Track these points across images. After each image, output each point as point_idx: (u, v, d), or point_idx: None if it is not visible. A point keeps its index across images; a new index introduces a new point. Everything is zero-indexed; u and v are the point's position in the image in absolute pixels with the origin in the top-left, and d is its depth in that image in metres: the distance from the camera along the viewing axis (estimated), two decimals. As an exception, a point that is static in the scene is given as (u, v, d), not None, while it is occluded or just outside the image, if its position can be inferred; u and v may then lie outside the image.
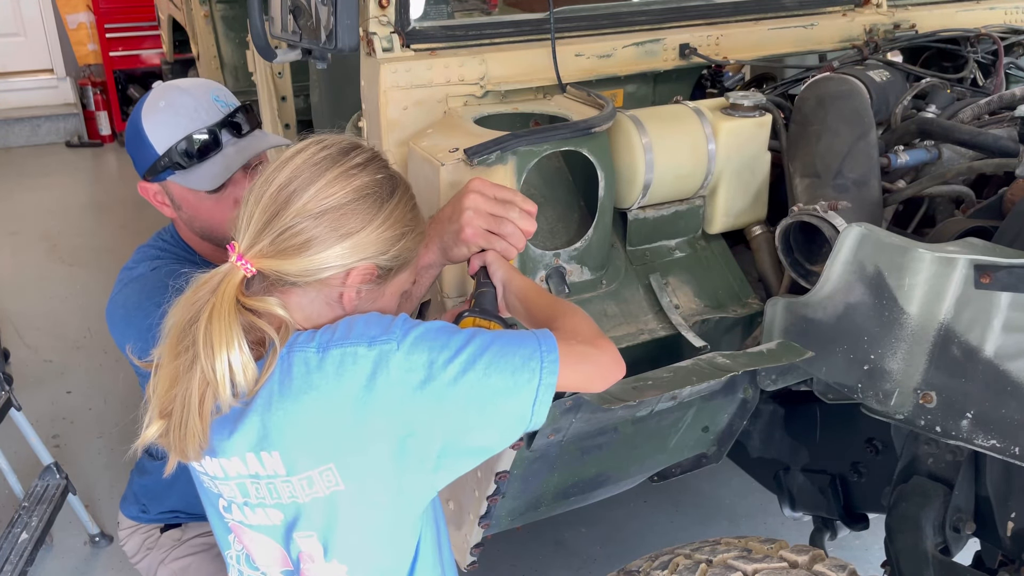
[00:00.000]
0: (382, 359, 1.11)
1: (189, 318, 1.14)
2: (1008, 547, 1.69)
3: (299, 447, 1.16)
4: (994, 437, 1.46)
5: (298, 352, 1.15)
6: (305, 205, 1.15)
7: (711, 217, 1.91)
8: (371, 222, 1.18)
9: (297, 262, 1.15)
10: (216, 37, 3.89)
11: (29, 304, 4.38)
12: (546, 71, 1.87)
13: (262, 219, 1.15)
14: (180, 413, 1.13)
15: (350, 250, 1.17)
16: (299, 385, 1.13)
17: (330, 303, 1.22)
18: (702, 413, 1.84)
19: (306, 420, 1.14)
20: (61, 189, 5.98)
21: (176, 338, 1.15)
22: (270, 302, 1.16)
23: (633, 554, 1.68)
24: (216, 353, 1.10)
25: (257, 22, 1.77)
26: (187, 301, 1.16)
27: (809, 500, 2.13)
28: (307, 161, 1.18)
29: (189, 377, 1.12)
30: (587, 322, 1.28)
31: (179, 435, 1.14)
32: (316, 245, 1.15)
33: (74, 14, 6.89)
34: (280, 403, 1.14)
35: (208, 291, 1.14)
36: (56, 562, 2.80)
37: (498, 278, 1.40)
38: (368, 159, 1.22)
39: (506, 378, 1.13)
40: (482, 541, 1.79)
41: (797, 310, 1.66)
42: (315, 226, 1.15)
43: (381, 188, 1.20)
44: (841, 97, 1.89)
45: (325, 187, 1.16)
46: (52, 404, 3.58)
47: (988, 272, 1.42)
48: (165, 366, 1.16)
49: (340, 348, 1.13)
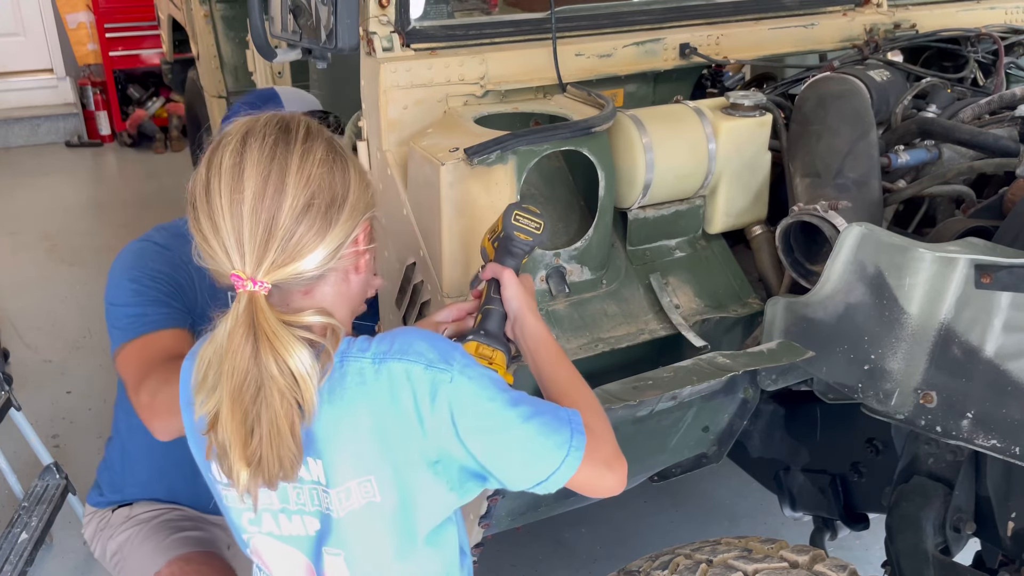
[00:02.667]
0: (436, 386, 1.11)
1: (244, 366, 1.08)
2: (1008, 547, 1.69)
3: (342, 456, 1.15)
4: (994, 437, 1.46)
5: (353, 361, 1.13)
6: (294, 202, 1.10)
7: (711, 217, 1.91)
8: (351, 180, 1.16)
9: (316, 255, 1.11)
10: (216, 37, 3.88)
11: (29, 304, 4.37)
12: (546, 71, 1.87)
13: (257, 235, 1.09)
14: (271, 451, 1.09)
15: (350, 216, 1.15)
16: (352, 395, 1.12)
17: (348, 279, 1.20)
18: (702, 413, 1.84)
19: (353, 430, 1.13)
20: (61, 189, 5.98)
21: (236, 390, 1.08)
22: (306, 315, 1.12)
23: (633, 554, 1.68)
24: (293, 367, 1.07)
25: (257, 22, 1.77)
26: (231, 352, 1.08)
27: (809, 500, 2.13)
28: (262, 157, 1.11)
29: (268, 417, 1.08)
30: (609, 429, 1.26)
31: (274, 470, 1.10)
32: (325, 229, 1.12)
33: (74, 14, 6.88)
34: (329, 410, 1.12)
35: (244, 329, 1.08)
36: (56, 562, 2.80)
37: (511, 306, 1.35)
38: (307, 124, 1.17)
39: (534, 457, 1.15)
40: (482, 541, 1.79)
41: (797, 310, 1.65)
42: (316, 214, 1.11)
43: (334, 145, 1.18)
44: (841, 97, 1.89)
45: (299, 174, 1.11)
46: (52, 404, 3.58)
47: (988, 272, 1.42)
48: (231, 419, 1.09)
49: (400, 363, 1.12)
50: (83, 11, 6.85)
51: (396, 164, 1.78)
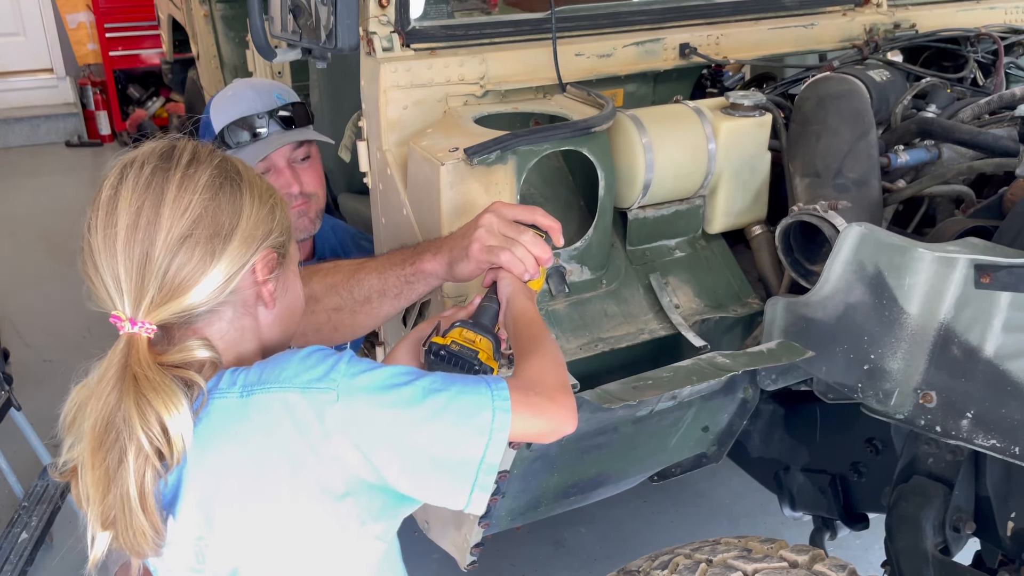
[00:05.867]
0: (320, 409, 1.00)
1: (106, 413, 1.00)
2: (1008, 547, 1.68)
3: (219, 505, 1.05)
4: (994, 437, 1.46)
5: (219, 398, 1.03)
6: (170, 232, 1.01)
7: (711, 217, 1.91)
8: (242, 208, 1.07)
9: (200, 289, 1.02)
10: (216, 36, 3.88)
11: (29, 304, 4.37)
12: (546, 70, 1.87)
13: (132, 271, 1.01)
14: (124, 516, 1.00)
15: (241, 246, 1.05)
16: (219, 436, 1.02)
17: (250, 313, 1.11)
18: (702, 413, 1.84)
19: (228, 476, 1.03)
20: (61, 189, 5.98)
21: (97, 440, 1.00)
22: (190, 347, 1.03)
23: (633, 554, 1.68)
24: (162, 414, 0.98)
25: (257, 21, 1.77)
26: (97, 396, 1.01)
27: (809, 500, 2.13)
28: (136, 187, 1.03)
29: (121, 474, 0.99)
30: (556, 370, 1.18)
31: (129, 538, 1.02)
32: (209, 261, 1.03)
33: (74, 14, 6.88)
34: (197, 455, 1.02)
35: (116, 373, 1.00)
36: (56, 562, 2.80)
37: (503, 294, 1.31)
38: (192, 150, 1.08)
39: (457, 433, 1.04)
40: (482, 541, 1.79)
41: (797, 310, 1.65)
42: (195, 245, 1.02)
43: (226, 170, 1.08)
44: (841, 97, 1.89)
45: (176, 203, 1.02)
46: (52, 404, 3.57)
47: (988, 272, 1.42)
48: (91, 471, 1.01)
49: (269, 393, 1.01)
50: (83, 11, 6.85)
51: (396, 164, 1.78)
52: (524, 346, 1.22)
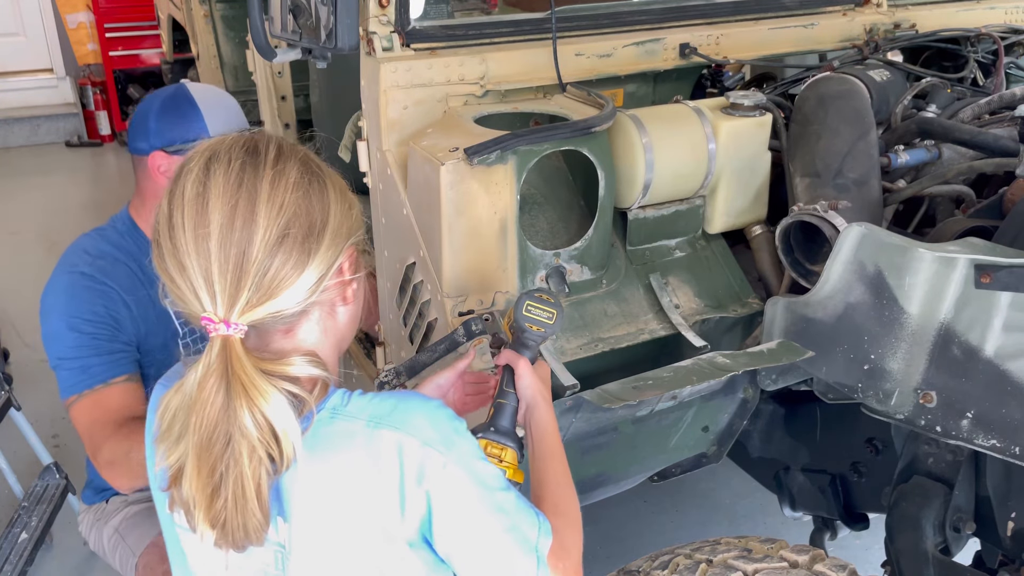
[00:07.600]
0: (424, 467, 1.02)
1: (213, 418, 0.98)
2: (1008, 547, 1.68)
3: (313, 520, 1.06)
4: (994, 437, 1.46)
5: (344, 420, 1.04)
6: (267, 232, 0.99)
7: (711, 217, 1.91)
8: (330, 203, 1.05)
9: (295, 290, 1.01)
10: (216, 37, 3.89)
11: (29, 304, 4.35)
12: (546, 70, 1.87)
13: (228, 272, 0.98)
14: (235, 514, 1.00)
15: (331, 245, 1.04)
16: (337, 457, 1.03)
17: (334, 313, 1.10)
18: (702, 413, 1.84)
19: (331, 494, 1.04)
20: (61, 189, 5.98)
21: (203, 445, 0.98)
22: (291, 365, 1.01)
23: (633, 554, 1.68)
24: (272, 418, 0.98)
25: (257, 21, 1.77)
26: (198, 402, 0.99)
27: (809, 500, 2.13)
28: (227, 184, 1.00)
29: (234, 476, 0.98)
30: (577, 542, 1.19)
31: (239, 535, 1.01)
32: (305, 261, 1.01)
33: (74, 14, 6.88)
34: (308, 469, 1.03)
35: (217, 377, 0.98)
36: (56, 562, 2.80)
37: (524, 395, 1.29)
38: (278, 143, 1.06)
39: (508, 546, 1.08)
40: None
41: (797, 310, 1.65)
42: (292, 245, 1.00)
43: (310, 164, 1.06)
44: (841, 97, 1.89)
45: (271, 201, 1.00)
46: (52, 404, 3.57)
47: (988, 272, 1.42)
48: (197, 476, 0.99)
49: (395, 432, 1.02)
50: (83, 11, 6.85)
51: (396, 164, 1.78)
52: (549, 486, 1.24)
